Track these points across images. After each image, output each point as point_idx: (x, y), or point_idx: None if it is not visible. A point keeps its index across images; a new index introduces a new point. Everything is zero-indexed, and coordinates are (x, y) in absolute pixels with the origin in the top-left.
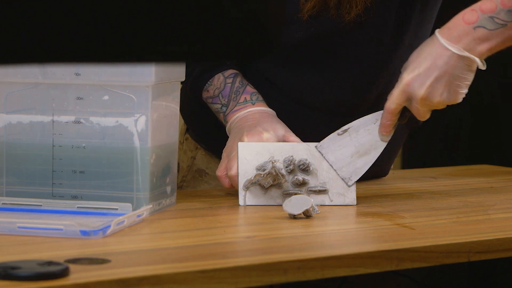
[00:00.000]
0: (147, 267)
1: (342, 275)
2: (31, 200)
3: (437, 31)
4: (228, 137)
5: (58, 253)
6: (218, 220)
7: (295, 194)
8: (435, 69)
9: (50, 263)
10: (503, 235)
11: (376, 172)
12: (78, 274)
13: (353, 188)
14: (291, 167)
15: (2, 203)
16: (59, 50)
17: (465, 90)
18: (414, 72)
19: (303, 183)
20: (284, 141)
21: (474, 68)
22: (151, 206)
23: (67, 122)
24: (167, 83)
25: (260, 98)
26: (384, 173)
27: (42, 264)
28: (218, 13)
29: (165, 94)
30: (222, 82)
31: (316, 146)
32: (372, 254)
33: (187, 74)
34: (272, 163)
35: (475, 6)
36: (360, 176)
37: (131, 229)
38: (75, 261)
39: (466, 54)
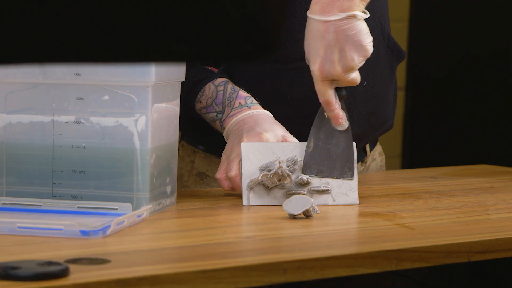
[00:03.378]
0: (147, 267)
1: (342, 275)
2: (31, 200)
3: (308, 13)
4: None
5: (58, 253)
6: (218, 220)
7: (299, 194)
8: (330, 44)
9: (50, 263)
10: (503, 235)
11: (385, 128)
12: (78, 274)
13: (355, 187)
14: (294, 167)
15: (2, 203)
16: (59, 50)
17: (370, 39)
18: (317, 59)
19: (307, 183)
20: (283, 141)
21: (361, 19)
22: (151, 206)
23: (67, 122)
24: (167, 83)
25: (255, 101)
26: (391, 126)
27: (42, 264)
28: (218, 13)
29: (165, 94)
30: (214, 91)
31: (304, 176)
32: (372, 254)
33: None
34: (279, 163)
35: None
36: (354, 168)
37: (131, 229)
38: (75, 261)
39: (344, 15)
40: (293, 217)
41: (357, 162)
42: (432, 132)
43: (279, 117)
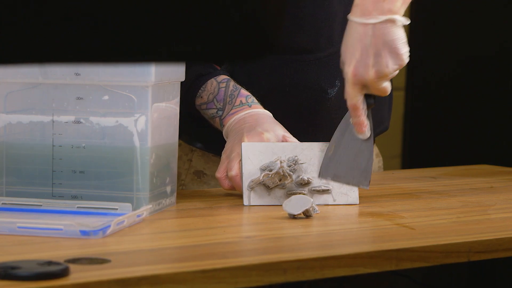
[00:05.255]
0: (147, 267)
1: (341, 275)
2: (31, 200)
3: (349, 16)
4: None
5: (58, 253)
6: (218, 220)
7: (300, 193)
8: (367, 48)
9: (50, 263)
10: (503, 235)
11: (381, 129)
12: (78, 274)
13: (356, 187)
14: (295, 166)
15: (2, 203)
16: (59, 50)
17: (406, 49)
18: (352, 61)
19: (307, 183)
20: (284, 141)
21: (400, 25)
22: (151, 206)
23: (67, 122)
24: (167, 83)
25: (255, 100)
26: (387, 127)
27: (42, 264)
28: (218, 13)
29: (165, 94)
30: (216, 87)
31: (319, 177)
32: (371, 254)
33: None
34: (281, 162)
35: None
36: (370, 177)
37: (131, 229)
38: (75, 261)
39: (383, 18)
40: (293, 217)
41: None
42: (432, 132)
43: (279, 109)
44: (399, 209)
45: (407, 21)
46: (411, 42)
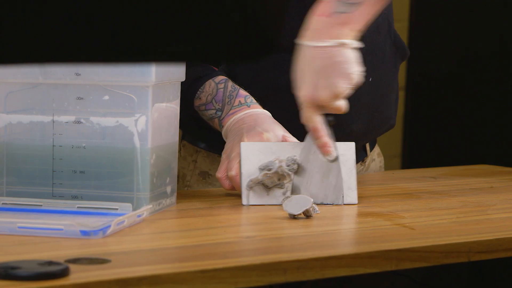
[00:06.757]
0: (147, 267)
1: (341, 275)
2: (31, 200)
3: (299, 40)
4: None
5: (58, 253)
6: (218, 220)
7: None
8: (317, 70)
9: (50, 263)
10: (503, 235)
11: (387, 126)
12: (78, 274)
13: (354, 187)
14: (294, 166)
15: (2, 203)
16: (59, 50)
17: (356, 68)
18: (303, 85)
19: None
20: (283, 141)
21: (350, 48)
22: (151, 206)
23: (67, 122)
24: (167, 83)
25: (254, 100)
26: (393, 125)
27: (42, 264)
28: (218, 13)
29: (165, 94)
30: (214, 88)
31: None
32: (371, 254)
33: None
34: (279, 162)
35: None
36: (342, 192)
37: (131, 229)
38: (75, 261)
39: (334, 42)
40: (293, 217)
41: (357, 162)
42: (432, 132)
43: (279, 109)
44: (399, 209)
45: (358, 45)
46: (411, 42)
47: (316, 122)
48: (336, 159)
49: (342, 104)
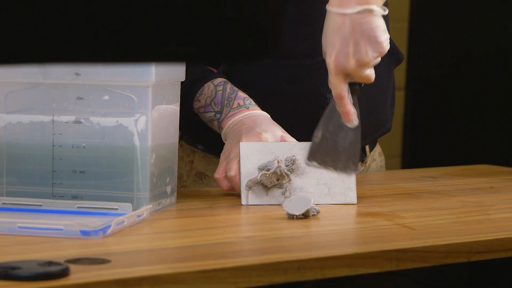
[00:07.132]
0: (147, 267)
1: (342, 275)
2: (31, 200)
3: (327, 6)
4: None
5: (58, 253)
6: (218, 220)
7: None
8: (346, 37)
9: (50, 263)
10: (503, 235)
11: (384, 130)
12: (78, 274)
13: (354, 187)
14: (293, 166)
15: (2, 203)
16: (59, 50)
17: (386, 36)
18: (332, 51)
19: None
20: (282, 141)
21: (378, 15)
22: (151, 206)
23: (67, 122)
24: (167, 83)
25: (253, 102)
26: (389, 128)
27: (42, 264)
28: (218, 13)
29: (165, 94)
30: (213, 90)
31: (306, 163)
32: (372, 254)
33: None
34: (278, 162)
35: None
36: (357, 163)
37: (131, 229)
38: (75, 261)
39: (360, 8)
40: (293, 217)
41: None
42: (432, 132)
43: (277, 114)
44: (399, 209)
45: (384, 11)
46: (411, 42)
47: (342, 89)
48: (357, 127)
49: (370, 74)
